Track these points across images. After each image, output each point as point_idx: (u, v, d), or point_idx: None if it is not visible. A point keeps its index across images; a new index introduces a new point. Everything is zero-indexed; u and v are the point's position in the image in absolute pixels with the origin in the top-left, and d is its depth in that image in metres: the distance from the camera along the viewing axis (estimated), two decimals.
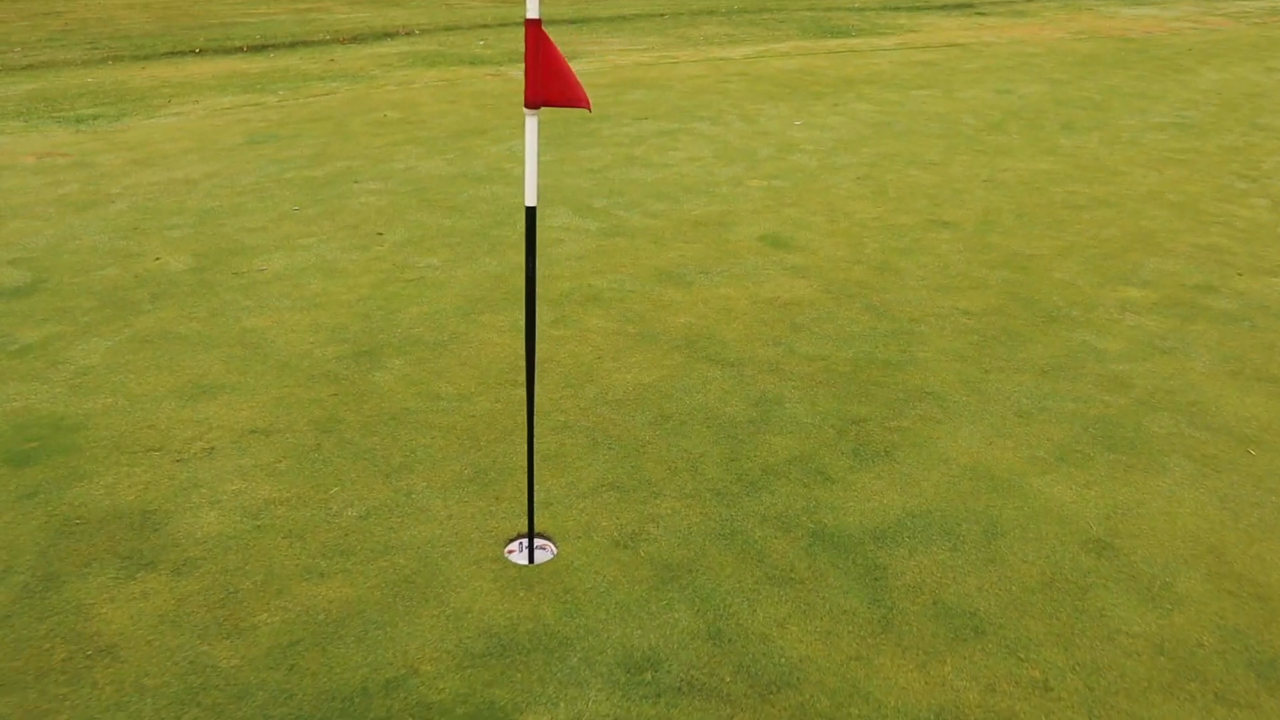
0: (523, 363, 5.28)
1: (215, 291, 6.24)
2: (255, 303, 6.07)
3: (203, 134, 10.41)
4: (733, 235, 7.32)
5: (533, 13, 3.04)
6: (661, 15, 19.12)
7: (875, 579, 3.63)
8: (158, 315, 5.88)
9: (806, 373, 5.21)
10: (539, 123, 3.25)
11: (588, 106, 3.20)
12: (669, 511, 4.02)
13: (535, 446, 4.47)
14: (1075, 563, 3.72)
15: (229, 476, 4.25)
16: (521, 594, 3.54)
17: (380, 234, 7.34)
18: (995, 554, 3.77)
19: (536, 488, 4.17)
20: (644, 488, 4.18)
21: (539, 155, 9.68)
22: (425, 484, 4.20)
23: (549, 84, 3.12)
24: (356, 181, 8.66)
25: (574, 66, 13.99)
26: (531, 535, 3.76)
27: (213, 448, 4.47)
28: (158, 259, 6.79)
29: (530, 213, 3.27)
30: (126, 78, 13.74)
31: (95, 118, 11.35)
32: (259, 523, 3.94)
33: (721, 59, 14.83)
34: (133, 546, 3.81)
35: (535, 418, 4.70)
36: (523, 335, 5.61)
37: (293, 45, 16.33)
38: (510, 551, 3.81)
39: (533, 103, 3.13)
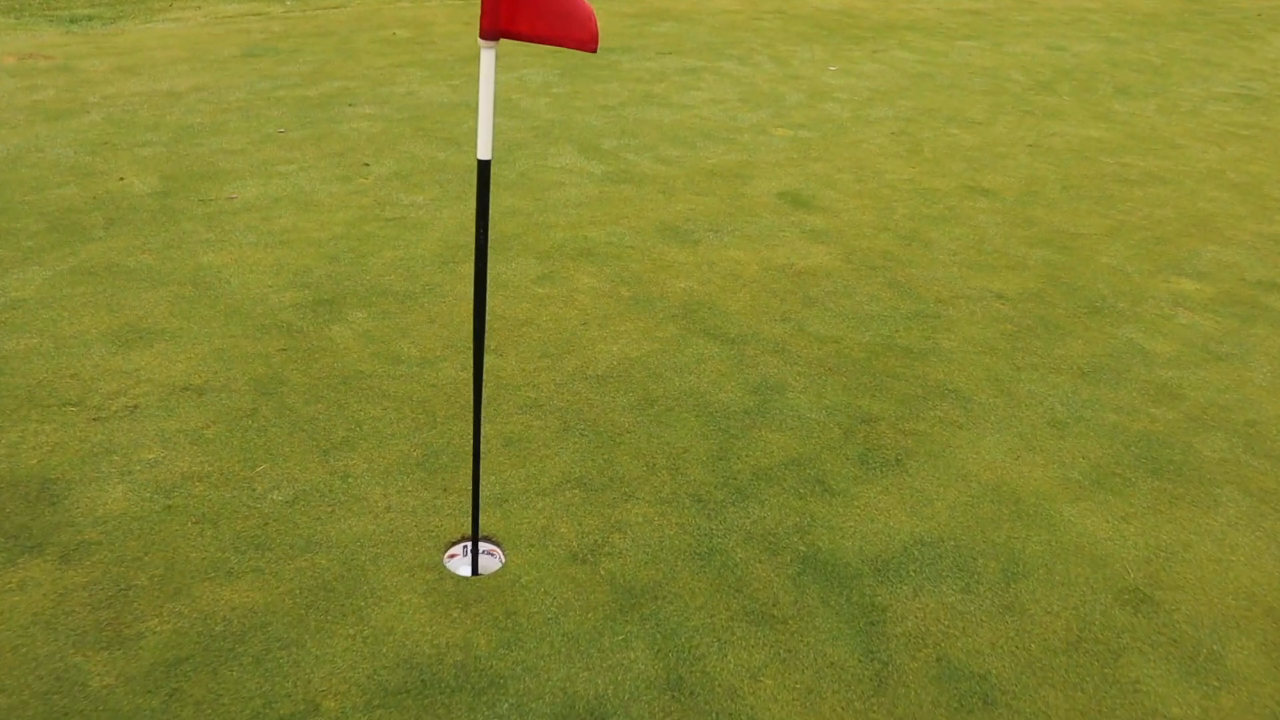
0: (498, 324, 4.73)
1: (176, 220, 5.69)
2: (217, 235, 5.52)
3: (198, 43, 9.78)
4: (750, 189, 6.69)
5: None
6: None
7: (871, 623, 3.10)
8: (108, 244, 5.35)
9: (816, 357, 4.63)
10: (552, 53, 2.64)
11: (587, 46, 2.54)
12: (639, 519, 3.49)
13: (498, 429, 3.95)
14: (1108, 617, 3.17)
15: (148, 442, 3.75)
16: (455, 614, 3.04)
17: (367, 165, 6.75)
18: (1015, 599, 3.22)
19: (493, 479, 3.65)
20: (615, 486, 3.65)
21: (548, 88, 9.05)
22: (366, 466, 3.68)
23: (519, 10, 2.51)
24: (351, 104, 8.04)
25: None
26: (476, 540, 3.24)
27: (136, 406, 3.96)
28: (121, 179, 6.24)
29: (483, 168, 2.69)
30: None
31: (89, 19, 10.72)
32: (170, 502, 3.44)
33: None
34: (22, 523, 3.32)
35: (502, 393, 4.16)
36: (503, 292, 5.05)
37: None
38: (452, 556, 3.30)
39: (488, 32, 2.53)
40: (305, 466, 3.66)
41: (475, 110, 8.04)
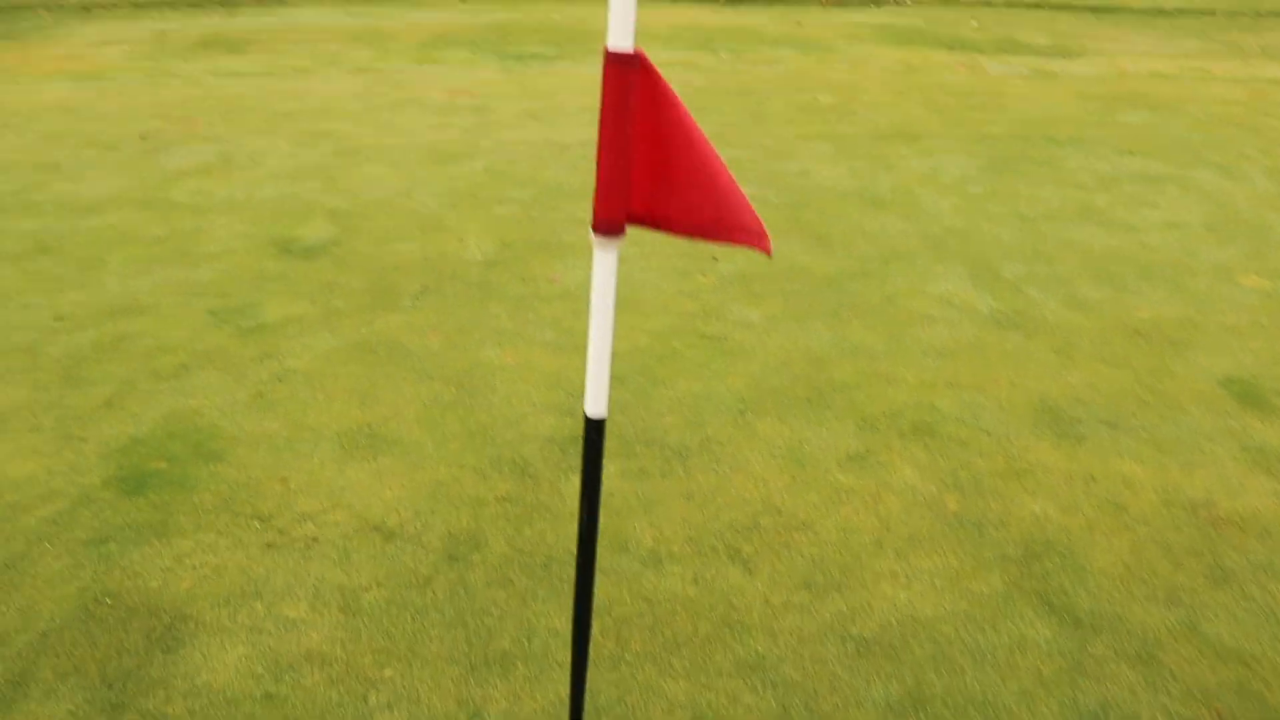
0: (767, 520, 3.70)
1: (486, 299, 5.30)
2: (514, 326, 5.03)
3: None
4: (1182, 365, 4.99)
5: (621, 43, 1.49)
6: (1213, 13, 15.39)
7: None
8: (407, 317, 5.06)
9: (1202, 685, 3.07)
10: (980, 140, 1.76)
11: (763, 245, 1.65)
12: None
13: (692, 693, 2.93)
14: None
15: (300, 593, 3.22)
16: None
17: (715, 260, 5.99)
18: None
19: None
20: None
21: (963, 185, 7.67)
22: (504, 707, 2.85)
23: (654, 186, 1.57)
24: None
25: (1066, 67, 11.39)
26: None
27: (316, 539, 3.48)
28: (461, 240, 6.03)
29: (594, 430, 1.71)
30: (588, 14, 13.51)
31: (533, 56, 11.12)
32: (274, 690, 2.86)
33: (1272, 80, 11.34)
34: (128, 668, 2.91)
35: (724, 633, 3.13)
36: (793, 471, 4.00)
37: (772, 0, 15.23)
38: None
39: (607, 220, 1.57)
40: (436, 685, 2.91)
41: (865, 203, 6.99)
